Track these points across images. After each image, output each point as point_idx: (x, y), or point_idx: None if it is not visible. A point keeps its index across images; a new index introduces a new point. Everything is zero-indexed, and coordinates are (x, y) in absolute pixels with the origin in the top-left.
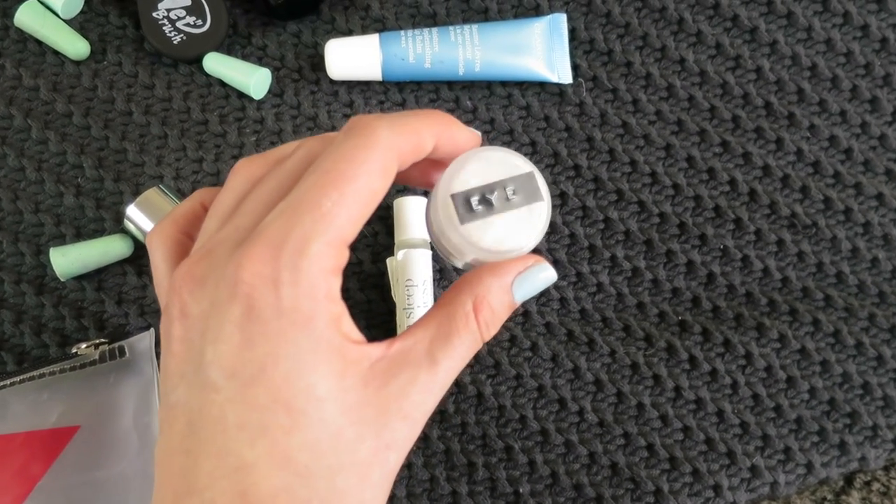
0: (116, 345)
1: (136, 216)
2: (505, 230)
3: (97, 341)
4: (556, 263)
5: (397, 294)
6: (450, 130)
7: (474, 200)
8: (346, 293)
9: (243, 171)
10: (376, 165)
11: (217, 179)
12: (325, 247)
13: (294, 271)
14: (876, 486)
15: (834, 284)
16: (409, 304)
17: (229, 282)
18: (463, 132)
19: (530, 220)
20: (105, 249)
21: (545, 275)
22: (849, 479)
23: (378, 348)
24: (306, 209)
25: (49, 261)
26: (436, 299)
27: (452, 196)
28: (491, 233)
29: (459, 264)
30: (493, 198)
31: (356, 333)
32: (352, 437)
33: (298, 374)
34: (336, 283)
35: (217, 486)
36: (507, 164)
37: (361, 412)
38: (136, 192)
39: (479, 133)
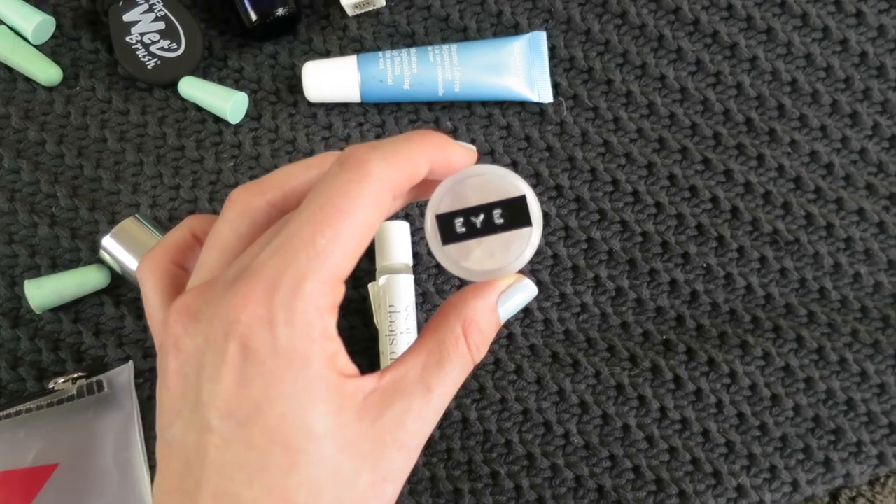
0: (95, 379)
1: (113, 247)
2: (488, 252)
3: (75, 375)
4: (539, 284)
5: (380, 320)
6: (444, 152)
7: (458, 222)
8: None
9: (239, 202)
10: (370, 199)
11: (195, 206)
12: (320, 285)
13: (289, 311)
14: (861, 501)
15: (817, 300)
16: (391, 331)
17: (224, 320)
18: (457, 152)
19: (516, 244)
20: (81, 280)
21: (527, 292)
22: (834, 496)
23: (371, 380)
24: (300, 247)
25: (24, 293)
26: (419, 324)
27: (437, 217)
28: (473, 255)
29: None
30: (478, 221)
31: (351, 367)
32: (349, 472)
33: (295, 414)
34: (332, 320)
35: None
36: (500, 184)
37: (358, 447)
38: (112, 221)
39: (473, 149)
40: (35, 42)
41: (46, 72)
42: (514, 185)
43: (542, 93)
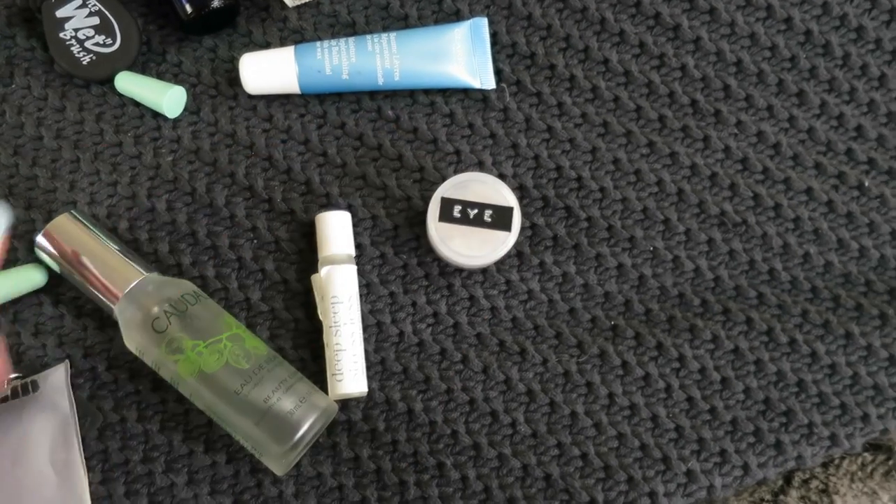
0: (29, 379)
1: (48, 244)
2: (466, 243)
3: (10, 376)
4: (484, 272)
5: (323, 311)
6: None
7: (456, 208)
8: (272, 312)
9: None
10: None
11: (133, 202)
12: None
13: None
14: (815, 483)
15: (766, 282)
16: (335, 322)
17: None
18: None
19: (493, 243)
20: (16, 280)
21: None
22: (787, 479)
23: None
24: None
25: None
26: (363, 315)
27: (442, 198)
28: (460, 238)
29: (441, 256)
30: (472, 213)
31: None
32: None
33: None
34: None
35: None
36: (498, 192)
37: None
38: (48, 220)
39: None
40: None
41: None
42: (506, 197)
43: (484, 79)
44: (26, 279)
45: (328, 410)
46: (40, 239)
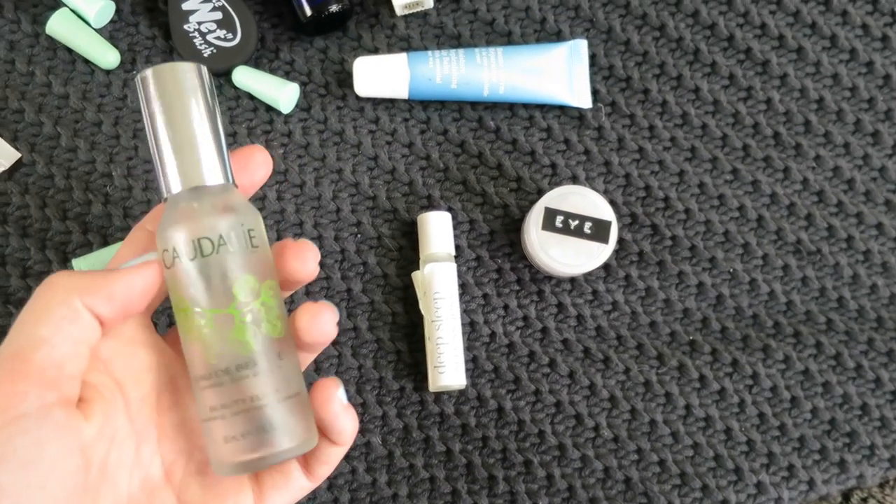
0: None
1: (150, 84)
2: (568, 251)
3: None
4: (572, 281)
5: (425, 306)
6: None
7: (559, 218)
8: (372, 304)
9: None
10: None
11: None
12: None
13: None
14: (872, 502)
15: (836, 309)
16: (437, 316)
17: None
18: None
19: (591, 254)
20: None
21: None
22: (846, 496)
23: None
24: None
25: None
26: (461, 313)
27: (546, 208)
28: (558, 247)
29: (534, 262)
30: (573, 224)
31: None
32: None
33: None
34: None
35: None
36: (597, 206)
37: None
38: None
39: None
40: (95, 26)
41: (105, 55)
42: (604, 211)
43: (581, 98)
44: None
45: (274, 455)
46: (147, 73)
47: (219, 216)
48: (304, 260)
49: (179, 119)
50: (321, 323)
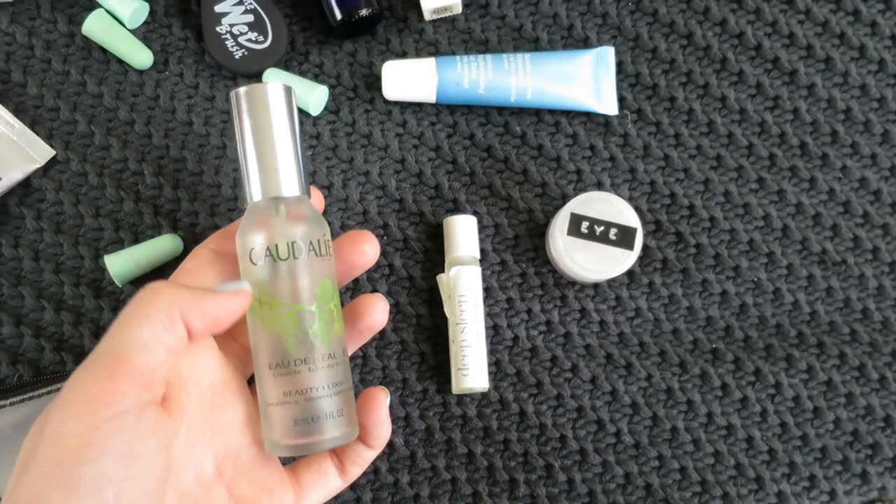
0: None
1: (243, 102)
2: (592, 257)
3: None
4: (595, 287)
5: (450, 309)
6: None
7: (584, 224)
8: (397, 306)
9: None
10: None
11: None
12: None
13: None
14: None
15: (860, 319)
16: (462, 319)
17: None
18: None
19: (615, 260)
20: (154, 247)
21: None
22: None
23: None
24: None
25: (105, 266)
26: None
27: (572, 213)
28: (583, 252)
29: (558, 267)
30: (598, 230)
31: None
32: None
33: None
34: None
35: None
36: (623, 213)
37: None
38: (194, 200)
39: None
40: (130, 26)
41: (139, 55)
42: (630, 217)
43: (607, 105)
44: (162, 247)
45: (323, 441)
46: (240, 91)
47: (311, 224)
48: (363, 252)
49: (264, 135)
50: (378, 311)
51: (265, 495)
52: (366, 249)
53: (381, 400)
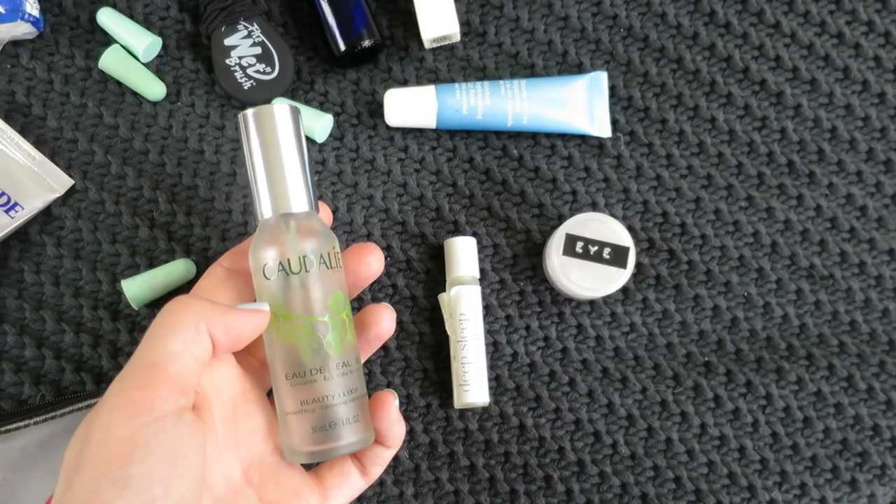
0: None
1: (251, 123)
2: (587, 275)
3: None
4: (591, 304)
5: (451, 327)
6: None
7: (579, 244)
8: (401, 325)
9: None
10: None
11: None
12: None
13: None
14: None
15: (848, 332)
16: (463, 337)
17: None
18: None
19: (610, 278)
20: (169, 271)
21: None
22: None
23: None
24: None
25: (122, 289)
26: (484, 334)
27: (567, 234)
28: (578, 271)
29: (555, 285)
30: (592, 249)
31: None
32: None
33: None
34: None
35: None
36: (616, 233)
37: None
38: (206, 226)
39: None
40: (144, 60)
41: (152, 88)
42: (623, 236)
43: (601, 128)
44: (176, 271)
45: (341, 447)
46: (248, 113)
47: (321, 238)
48: (368, 264)
49: (272, 154)
50: (385, 320)
51: (293, 497)
52: (370, 261)
53: (390, 402)
